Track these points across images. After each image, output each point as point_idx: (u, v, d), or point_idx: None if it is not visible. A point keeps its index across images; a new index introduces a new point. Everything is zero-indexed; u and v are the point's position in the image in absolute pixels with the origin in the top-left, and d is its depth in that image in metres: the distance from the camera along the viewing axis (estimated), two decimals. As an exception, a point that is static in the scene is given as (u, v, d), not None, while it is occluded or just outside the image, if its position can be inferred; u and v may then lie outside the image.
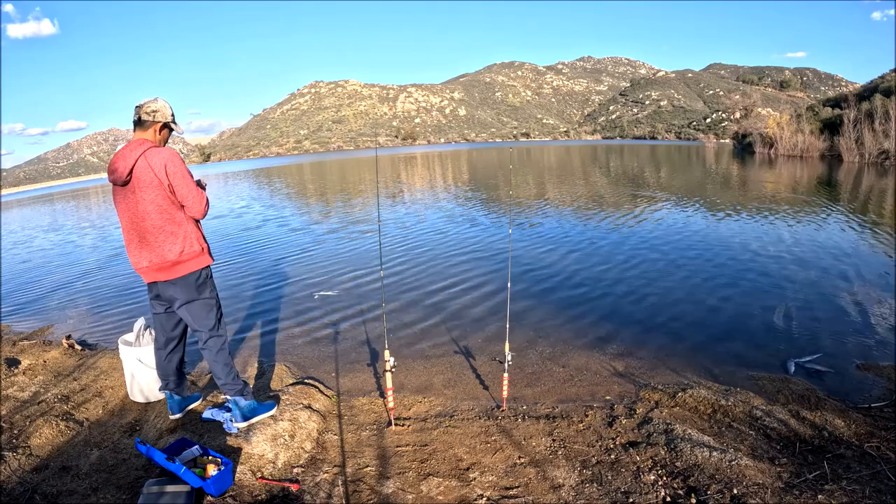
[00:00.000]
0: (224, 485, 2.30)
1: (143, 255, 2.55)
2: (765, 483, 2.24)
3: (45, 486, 2.39)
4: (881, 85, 29.66)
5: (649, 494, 2.25)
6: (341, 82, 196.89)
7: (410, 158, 51.25)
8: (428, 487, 2.38)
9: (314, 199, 18.12)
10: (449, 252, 7.87)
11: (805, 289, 5.37)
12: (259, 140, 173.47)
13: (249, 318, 5.25)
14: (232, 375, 2.78)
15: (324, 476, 2.49)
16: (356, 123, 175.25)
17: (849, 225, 8.80)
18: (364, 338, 4.56)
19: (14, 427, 2.95)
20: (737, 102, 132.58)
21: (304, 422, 2.90)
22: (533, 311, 5.04)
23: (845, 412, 2.93)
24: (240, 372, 3.50)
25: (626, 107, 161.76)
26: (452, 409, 3.19)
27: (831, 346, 3.97)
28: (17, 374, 3.79)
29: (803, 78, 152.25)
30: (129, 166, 2.43)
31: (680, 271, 6.23)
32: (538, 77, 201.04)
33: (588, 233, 8.84)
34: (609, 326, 4.58)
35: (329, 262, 7.62)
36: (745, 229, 8.62)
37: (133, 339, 3.22)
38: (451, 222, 10.68)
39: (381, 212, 12.65)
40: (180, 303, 2.65)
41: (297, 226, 11.65)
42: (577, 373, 3.70)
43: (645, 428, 2.81)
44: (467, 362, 3.95)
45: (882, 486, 2.19)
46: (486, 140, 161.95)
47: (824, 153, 26.96)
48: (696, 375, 3.56)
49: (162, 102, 2.58)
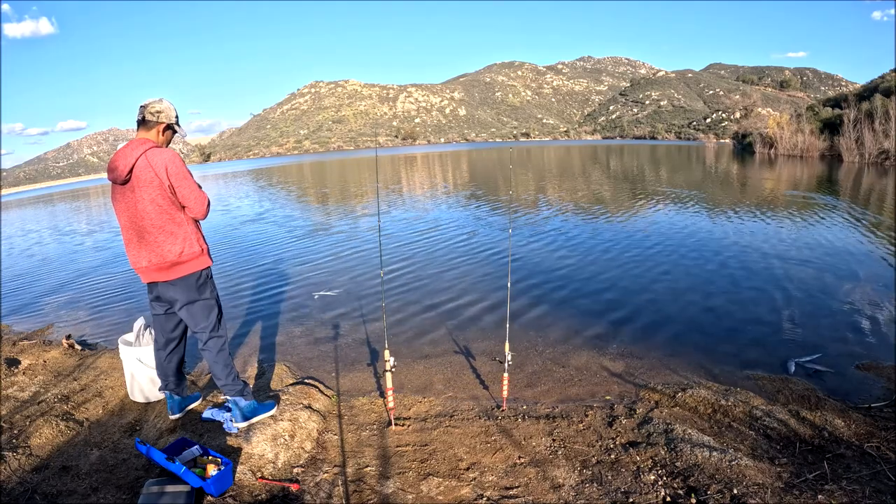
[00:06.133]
0: (224, 485, 2.30)
1: (142, 255, 2.54)
2: (765, 483, 2.24)
3: (45, 485, 2.39)
4: (881, 85, 29.67)
5: (649, 494, 2.25)
6: (341, 82, 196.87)
7: (410, 159, 51.24)
8: (428, 487, 2.38)
9: (314, 200, 18.11)
10: (449, 252, 7.87)
11: (805, 288, 5.37)
12: (259, 140, 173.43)
13: (249, 318, 5.25)
14: (232, 376, 2.78)
15: (324, 476, 2.49)
16: (356, 123, 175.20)
17: (849, 224, 8.80)
18: (364, 338, 4.56)
19: (14, 427, 2.95)
20: (737, 102, 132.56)
21: (304, 422, 2.90)
22: (533, 311, 5.03)
23: (845, 412, 2.93)
24: (240, 372, 3.50)
25: (626, 107, 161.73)
26: (452, 409, 3.19)
27: (831, 346, 3.97)
28: (17, 374, 3.79)
29: (803, 78, 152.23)
30: (129, 165, 2.42)
31: (680, 271, 6.23)
32: (538, 77, 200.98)
33: (588, 232, 8.84)
34: (609, 326, 4.57)
35: (329, 262, 7.62)
36: (745, 229, 8.62)
37: (133, 339, 3.22)
38: (451, 222, 10.68)
39: (380, 212, 12.66)
40: (181, 304, 2.64)
41: (297, 226, 11.65)
42: (577, 373, 3.70)
43: (645, 428, 2.81)
44: (467, 362, 3.95)
45: (882, 486, 2.19)
46: (486, 140, 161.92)
47: (824, 153, 26.97)
48: (696, 375, 3.56)
49: (167, 104, 2.58)
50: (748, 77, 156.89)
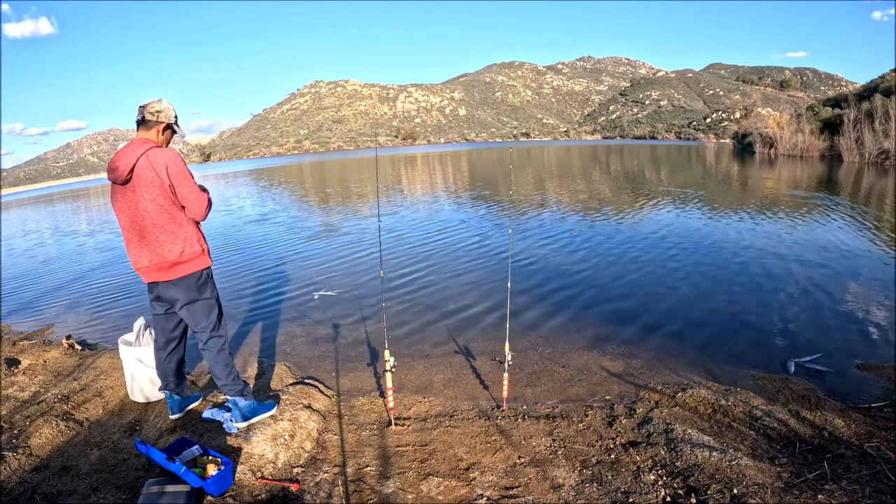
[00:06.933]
0: (224, 485, 2.30)
1: (142, 255, 2.54)
2: (765, 483, 2.24)
3: (45, 485, 2.39)
4: (881, 85, 29.68)
5: (649, 494, 2.25)
6: (341, 82, 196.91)
7: (410, 159, 51.24)
8: (428, 487, 2.38)
9: (314, 200, 18.11)
10: (449, 251, 7.87)
11: (805, 288, 5.37)
12: (259, 140, 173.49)
13: (249, 318, 5.25)
14: (232, 376, 2.78)
15: (324, 476, 2.49)
16: (356, 123, 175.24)
17: (849, 224, 8.80)
18: (364, 338, 4.56)
19: (14, 427, 2.95)
20: (737, 102, 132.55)
21: (304, 422, 2.90)
22: (533, 311, 5.03)
23: (845, 412, 2.93)
24: (240, 372, 3.50)
25: (626, 107, 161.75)
26: (452, 408, 3.19)
27: (831, 346, 3.96)
28: (17, 374, 3.79)
29: (803, 78, 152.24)
30: (130, 165, 2.42)
31: (680, 271, 6.23)
32: (538, 77, 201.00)
33: (588, 232, 8.84)
34: (609, 326, 4.58)
35: (329, 262, 7.63)
36: (744, 228, 8.62)
37: (133, 339, 3.22)
38: (451, 222, 10.68)
39: (381, 212, 12.66)
40: (181, 303, 2.65)
41: (297, 226, 11.65)
42: (577, 373, 3.70)
43: (645, 428, 2.81)
44: (467, 362, 3.95)
45: (882, 486, 2.19)
46: (486, 140, 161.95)
47: (824, 153, 26.97)
48: (696, 375, 3.56)
49: (166, 103, 2.58)
50: (748, 77, 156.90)
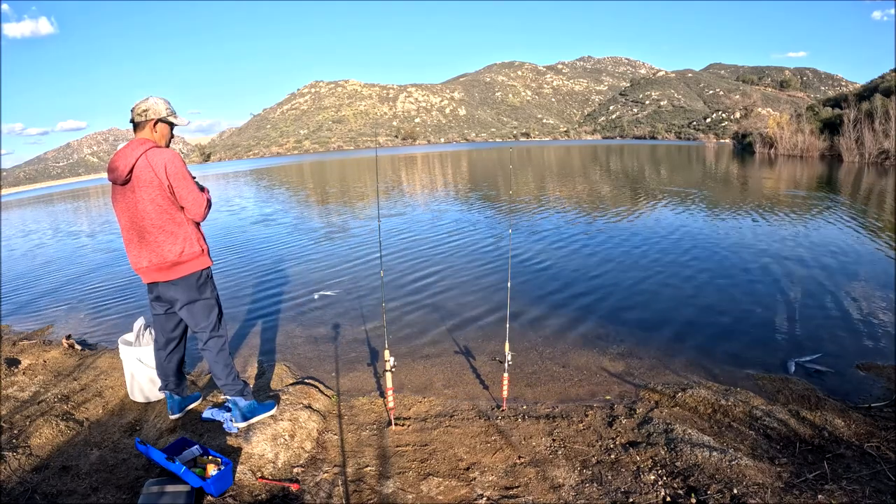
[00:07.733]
0: (224, 485, 2.30)
1: (142, 255, 2.54)
2: (765, 483, 2.24)
3: (45, 485, 2.39)
4: (881, 85, 29.68)
5: (649, 494, 2.25)
6: (341, 82, 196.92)
7: (410, 159, 51.23)
8: (428, 487, 2.38)
9: (314, 199, 18.11)
10: (449, 251, 7.87)
11: (805, 288, 5.37)
12: (259, 140, 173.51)
13: (249, 318, 5.25)
14: (232, 376, 2.78)
15: (324, 476, 2.49)
16: (356, 123, 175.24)
17: (849, 224, 8.80)
18: (364, 337, 4.56)
19: (14, 427, 2.95)
20: (737, 102, 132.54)
21: (304, 422, 2.90)
22: (533, 311, 5.03)
23: (845, 412, 2.93)
24: (240, 372, 3.50)
25: (626, 107, 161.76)
26: (452, 408, 3.19)
27: (831, 346, 3.96)
28: (17, 374, 3.79)
29: (803, 78, 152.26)
30: (129, 165, 2.42)
31: (680, 271, 6.23)
32: (538, 77, 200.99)
33: (588, 233, 8.84)
34: (609, 326, 4.57)
35: (329, 262, 7.62)
36: (744, 228, 8.62)
37: (133, 339, 3.22)
38: (451, 222, 10.68)
39: (380, 212, 12.65)
40: (181, 304, 2.64)
41: (297, 225, 11.65)
42: (577, 373, 3.70)
43: (645, 428, 2.81)
44: (467, 362, 3.95)
45: (882, 486, 2.19)
46: (486, 140, 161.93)
47: (824, 153, 26.97)
48: (696, 375, 3.56)
49: (153, 100, 2.55)
50: (748, 77, 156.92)
